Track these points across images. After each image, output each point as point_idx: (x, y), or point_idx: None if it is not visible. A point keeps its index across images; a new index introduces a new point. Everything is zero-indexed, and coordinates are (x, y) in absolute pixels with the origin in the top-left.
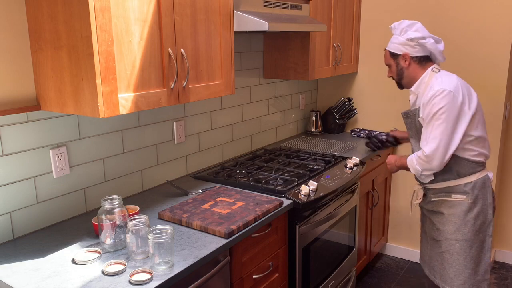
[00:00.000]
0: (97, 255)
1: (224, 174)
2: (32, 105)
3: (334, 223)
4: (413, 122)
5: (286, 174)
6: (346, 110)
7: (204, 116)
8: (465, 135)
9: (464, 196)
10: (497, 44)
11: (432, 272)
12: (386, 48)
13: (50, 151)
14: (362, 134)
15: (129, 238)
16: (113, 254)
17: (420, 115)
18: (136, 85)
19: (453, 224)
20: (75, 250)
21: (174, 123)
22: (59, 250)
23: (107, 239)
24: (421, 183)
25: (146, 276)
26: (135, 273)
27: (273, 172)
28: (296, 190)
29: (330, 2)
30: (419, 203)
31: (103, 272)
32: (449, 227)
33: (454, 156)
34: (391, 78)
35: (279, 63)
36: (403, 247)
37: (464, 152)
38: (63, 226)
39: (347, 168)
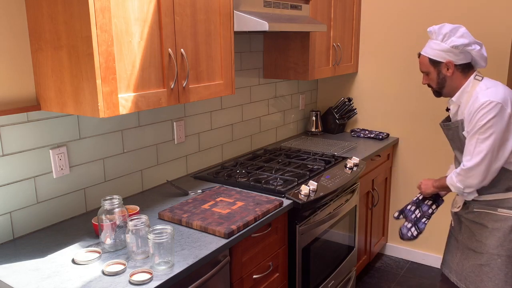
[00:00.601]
0: (97, 255)
1: (224, 174)
2: (32, 105)
3: (334, 223)
4: (455, 133)
5: (286, 174)
6: (346, 110)
7: (204, 116)
8: None
9: (511, 212)
10: (497, 44)
11: (465, 281)
12: (424, 54)
13: (50, 151)
14: (362, 134)
15: (129, 238)
16: (113, 254)
17: (465, 128)
18: (136, 85)
19: (496, 239)
20: (75, 250)
21: (174, 123)
22: (59, 250)
23: (107, 239)
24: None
25: (146, 276)
26: (135, 273)
27: (273, 172)
28: (296, 190)
29: (330, 2)
30: (457, 211)
31: (103, 272)
32: (492, 241)
33: (503, 169)
34: (426, 85)
35: (279, 63)
36: (403, 247)
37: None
38: (63, 226)
39: (347, 168)
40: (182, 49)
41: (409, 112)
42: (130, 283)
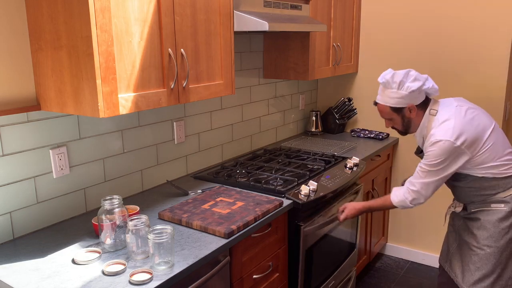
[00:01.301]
0: (97, 255)
1: (224, 174)
2: (32, 105)
3: (338, 224)
4: None
5: (286, 174)
6: (346, 110)
7: (204, 116)
8: (490, 166)
9: (502, 205)
10: (497, 44)
11: (455, 271)
12: (383, 103)
13: (50, 151)
14: (362, 134)
15: (129, 238)
16: (113, 254)
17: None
18: (136, 85)
19: (487, 230)
20: (75, 250)
21: (174, 123)
22: (59, 250)
23: (107, 239)
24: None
25: (146, 276)
26: (135, 273)
27: (273, 172)
28: (296, 190)
29: (330, 2)
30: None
31: (103, 272)
32: (483, 232)
33: (483, 179)
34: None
35: (279, 63)
36: (403, 247)
37: (500, 173)
38: (63, 226)
39: (347, 168)
40: (182, 49)
41: None
42: (130, 283)
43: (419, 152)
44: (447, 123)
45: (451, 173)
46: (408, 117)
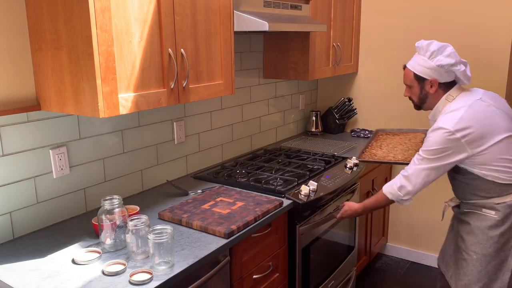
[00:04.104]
0: (97, 255)
1: (224, 174)
2: (32, 105)
3: (334, 223)
4: None
5: (286, 174)
6: (346, 110)
7: (204, 116)
8: (492, 169)
9: (493, 212)
10: (497, 44)
11: (450, 272)
12: (410, 68)
13: (50, 151)
14: (362, 134)
15: (129, 238)
16: (113, 254)
17: None
18: (136, 85)
19: (475, 236)
20: (75, 250)
21: (174, 123)
22: (59, 250)
23: (107, 239)
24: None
25: (146, 276)
26: (135, 273)
27: (273, 172)
28: (296, 190)
29: (330, 2)
30: (453, 207)
31: (103, 272)
32: (471, 238)
33: (481, 180)
34: (408, 97)
35: (279, 63)
36: (403, 247)
37: (500, 178)
38: (63, 226)
39: (347, 168)
40: (182, 49)
41: (409, 112)
42: (130, 283)
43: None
44: (456, 113)
45: (447, 166)
46: (427, 91)
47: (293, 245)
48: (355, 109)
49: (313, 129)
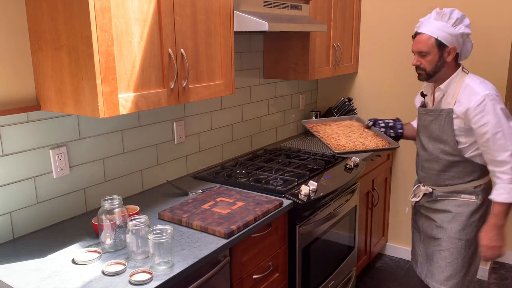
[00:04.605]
0: (97, 255)
1: (224, 174)
2: (32, 105)
3: (334, 223)
4: (436, 121)
5: (286, 174)
6: (346, 110)
7: (204, 116)
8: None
9: (474, 197)
10: (497, 44)
11: (424, 271)
12: (429, 34)
13: (50, 151)
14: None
15: (129, 238)
16: (113, 254)
17: (465, 120)
18: (136, 85)
19: (459, 223)
20: (75, 250)
21: (174, 123)
22: (59, 250)
23: (107, 239)
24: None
25: (146, 276)
26: (135, 273)
27: (273, 172)
28: (296, 190)
29: (330, 2)
30: (416, 201)
31: (103, 272)
32: (455, 225)
33: (469, 162)
34: (415, 66)
35: (279, 63)
36: (403, 247)
37: (478, 158)
38: (63, 226)
39: (347, 168)
40: (182, 49)
41: (409, 112)
42: (130, 283)
43: (429, 111)
44: (487, 82)
45: None
46: (444, 59)
47: (293, 245)
48: (355, 109)
49: None
